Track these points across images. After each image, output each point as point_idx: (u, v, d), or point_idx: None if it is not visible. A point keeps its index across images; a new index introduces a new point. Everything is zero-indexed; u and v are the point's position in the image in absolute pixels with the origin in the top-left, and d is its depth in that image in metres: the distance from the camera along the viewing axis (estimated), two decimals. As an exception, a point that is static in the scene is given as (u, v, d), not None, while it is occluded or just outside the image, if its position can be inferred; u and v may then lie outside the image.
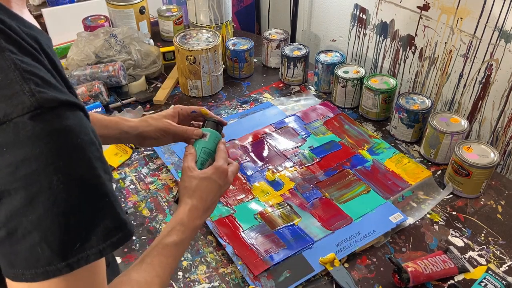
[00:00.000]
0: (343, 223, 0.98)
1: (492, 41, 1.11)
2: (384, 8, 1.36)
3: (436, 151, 1.12)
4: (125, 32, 1.40)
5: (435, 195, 1.06)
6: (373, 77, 1.29)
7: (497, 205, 1.04)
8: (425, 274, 0.85)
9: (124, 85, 1.37)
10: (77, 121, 0.43)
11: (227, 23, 1.48)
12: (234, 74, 1.48)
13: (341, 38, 1.57)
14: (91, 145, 0.44)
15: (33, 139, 0.40)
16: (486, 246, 0.94)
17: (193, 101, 1.38)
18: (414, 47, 1.32)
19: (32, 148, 0.40)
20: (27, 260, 0.41)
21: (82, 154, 0.43)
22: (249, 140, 1.22)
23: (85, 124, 0.44)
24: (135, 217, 1.01)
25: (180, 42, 1.33)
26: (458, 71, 1.23)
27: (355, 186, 1.07)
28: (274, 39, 1.49)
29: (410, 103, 1.20)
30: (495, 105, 1.17)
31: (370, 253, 0.93)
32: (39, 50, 0.45)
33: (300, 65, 1.42)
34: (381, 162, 1.14)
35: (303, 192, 1.06)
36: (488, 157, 1.02)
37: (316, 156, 1.16)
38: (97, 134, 0.47)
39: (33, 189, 0.40)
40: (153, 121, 0.83)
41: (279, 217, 1.00)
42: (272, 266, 0.89)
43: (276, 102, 1.37)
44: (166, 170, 1.13)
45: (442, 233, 0.97)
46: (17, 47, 0.42)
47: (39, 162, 0.40)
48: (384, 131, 1.27)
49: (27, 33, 0.45)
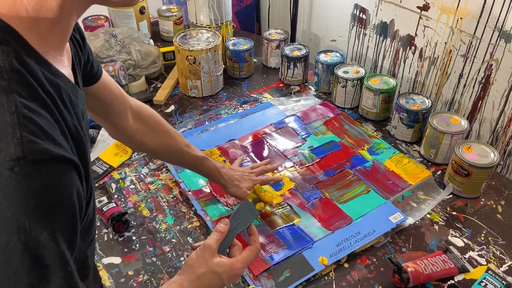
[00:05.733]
0: (343, 223, 0.98)
1: (492, 41, 1.11)
2: (384, 8, 1.36)
3: (436, 151, 1.12)
4: (125, 32, 1.40)
5: (435, 195, 1.06)
6: (373, 77, 1.29)
7: (497, 205, 1.04)
8: (425, 274, 0.85)
9: (124, 85, 1.37)
10: (62, 181, 0.40)
11: (227, 23, 1.48)
12: (234, 74, 1.49)
13: (341, 38, 1.57)
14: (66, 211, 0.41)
15: (5, 191, 0.36)
16: (486, 246, 0.94)
17: (193, 101, 1.38)
18: (414, 47, 1.32)
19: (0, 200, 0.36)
20: None
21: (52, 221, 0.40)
22: (249, 140, 1.22)
23: (70, 184, 0.42)
24: (135, 217, 1.01)
25: (180, 42, 1.33)
26: (458, 71, 1.23)
27: (355, 186, 1.07)
28: (274, 39, 1.49)
29: (410, 103, 1.20)
30: (495, 105, 1.17)
31: (370, 253, 0.93)
32: (55, 98, 0.44)
33: (300, 65, 1.42)
34: (381, 162, 1.14)
35: (303, 192, 1.06)
36: (488, 157, 1.02)
37: (316, 156, 1.16)
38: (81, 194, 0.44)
39: None
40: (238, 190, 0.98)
41: (279, 217, 1.00)
42: (272, 266, 0.89)
43: (276, 102, 1.37)
44: (166, 170, 1.13)
45: (442, 233, 0.97)
46: (27, 90, 0.41)
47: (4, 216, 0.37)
48: (384, 131, 1.27)
49: (50, 79, 0.44)
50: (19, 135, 0.37)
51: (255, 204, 0.75)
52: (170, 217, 1.01)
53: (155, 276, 0.88)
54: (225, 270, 0.68)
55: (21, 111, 0.39)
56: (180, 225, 0.99)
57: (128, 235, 0.97)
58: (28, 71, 0.42)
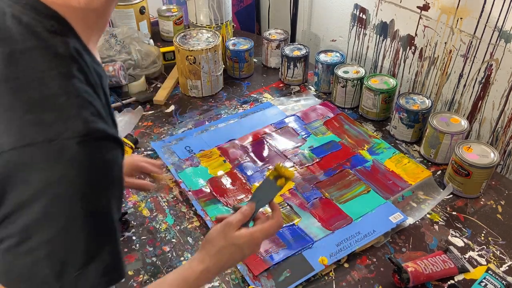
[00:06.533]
0: (343, 223, 0.98)
1: (492, 41, 1.11)
2: (384, 8, 1.36)
3: (436, 151, 1.12)
4: (125, 32, 1.40)
5: (435, 195, 1.06)
6: (373, 77, 1.29)
7: (497, 205, 1.04)
8: (425, 274, 0.85)
9: (124, 85, 1.37)
10: (115, 158, 0.46)
11: (227, 23, 1.48)
12: (234, 74, 1.48)
13: (341, 38, 1.57)
14: (118, 184, 0.48)
15: (73, 162, 0.42)
16: (486, 246, 0.94)
17: (193, 101, 1.38)
18: (414, 47, 1.32)
19: (69, 171, 0.42)
20: (25, 273, 0.43)
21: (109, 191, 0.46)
22: (249, 140, 1.22)
23: (120, 162, 0.48)
24: (135, 217, 1.01)
25: (180, 42, 1.33)
26: (458, 71, 1.23)
27: (355, 186, 1.07)
28: (274, 39, 1.49)
29: (410, 103, 1.20)
30: (495, 105, 1.17)
31: (370, 253, 0.93)
32: (99, 86, 0.49)
33: (300, 65, 1.42)
34: (381, 162, 1.14)
35: (303, 192, 1.06)
36: (488, 157, 1.02)
37: (316, 156, 1.16)
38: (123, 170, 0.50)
39: (55, 209, 0.42)
40: None
41: (279, 217, 1.00)
42: (272, 266, 0.89)
43: (276, 102, 1.37)
44: (166, 170, 1.13)
45: (442, 233, 0.97)
46: (84, 78, 0.46)
47: (70, 185, 0.42)
48: (384, 131, 1.27)
49: (95, 69, 0.49)
50: (83, 115, 0.43)
51: (276, 181, 0.75)
52: (170, 217, 1.01)
53: (155, 276, 0.88)
54: (245, 241, 0.68)
55: (82, 95, 0.44)
56: (180, 225, 0.99)
57: (128, 235, 0.97)
58: (81, 59, 0.47)
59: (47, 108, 0.42)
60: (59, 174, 0.41)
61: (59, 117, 0.42)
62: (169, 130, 1.26)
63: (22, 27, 0.44)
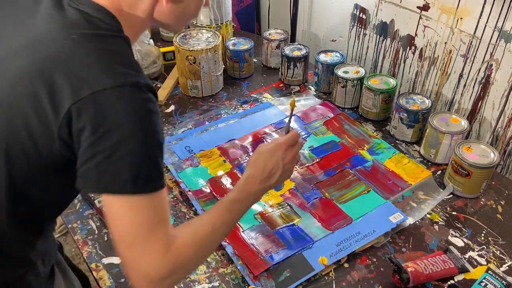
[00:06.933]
0: (343, 223, 0.98)
1: (492, 41, 1.11)
2: (384, 8, 1.36)
3: (436, 151, 1.12)
4: (125, 32, 1.40)
5: (435, 195, 1.06)
6: (373, 77, 1.29)
7: (497, 205, 1.04)
8: (425, 274, 0.85)
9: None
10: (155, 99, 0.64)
11: (227, 23, 1.48)
12: (234, 74, 1.49)
13: (341, 38, 1.57)
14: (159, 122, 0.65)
15: (147, 99, 0.61)
16: (486, 246, 0.94)
17: (193, 101, 1.38)
18: (414, 47, 1.32)
19: (145, 103, 0.61)
20: (112, 178, 0.59)
21: (159, 120, 0.63)
22: (249, 140, 1.22)
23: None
24: (135, 217, 1.00)
25: (180, 42, 1.33)
26: (458, 71, 1.23)
27: (355, 186, 1.07)
28: (274, 39, 1.49)
29: (410, 103, 1.20)
30: (495, 105, 1.17)
31: (370, 253, 0.93)
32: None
33: (300, 65, 1.42)
34: (381, 162, 1.14)
35: (303, 192, 1.06)
36: (488, 157, 1.02)
37: (316, 156, 1.16)
38: None
39: (139, 128, 0.59)
40: None
41: (279, 217, 1.00)
42: (272, 266, 0.89)
43: (276, 102, 1.37)
44: (166, 170, 1.13)
45: (442, 233, 0.97)
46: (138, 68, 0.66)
47: (147, 112, 0.61)
48: (384, 131, 1.27)
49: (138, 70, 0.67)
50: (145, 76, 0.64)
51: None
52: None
53: (155, 276, 0.88)
54: (271, 147, 0.80)
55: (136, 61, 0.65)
56: (180, 225, 0.99)
57: (128, 235, 0.96)
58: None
59: (129, 67, 0.62)
60: (140, 105, 0.60)
61: (136, 73, 0.62)
62: (169, 130, 1.26)
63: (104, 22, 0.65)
